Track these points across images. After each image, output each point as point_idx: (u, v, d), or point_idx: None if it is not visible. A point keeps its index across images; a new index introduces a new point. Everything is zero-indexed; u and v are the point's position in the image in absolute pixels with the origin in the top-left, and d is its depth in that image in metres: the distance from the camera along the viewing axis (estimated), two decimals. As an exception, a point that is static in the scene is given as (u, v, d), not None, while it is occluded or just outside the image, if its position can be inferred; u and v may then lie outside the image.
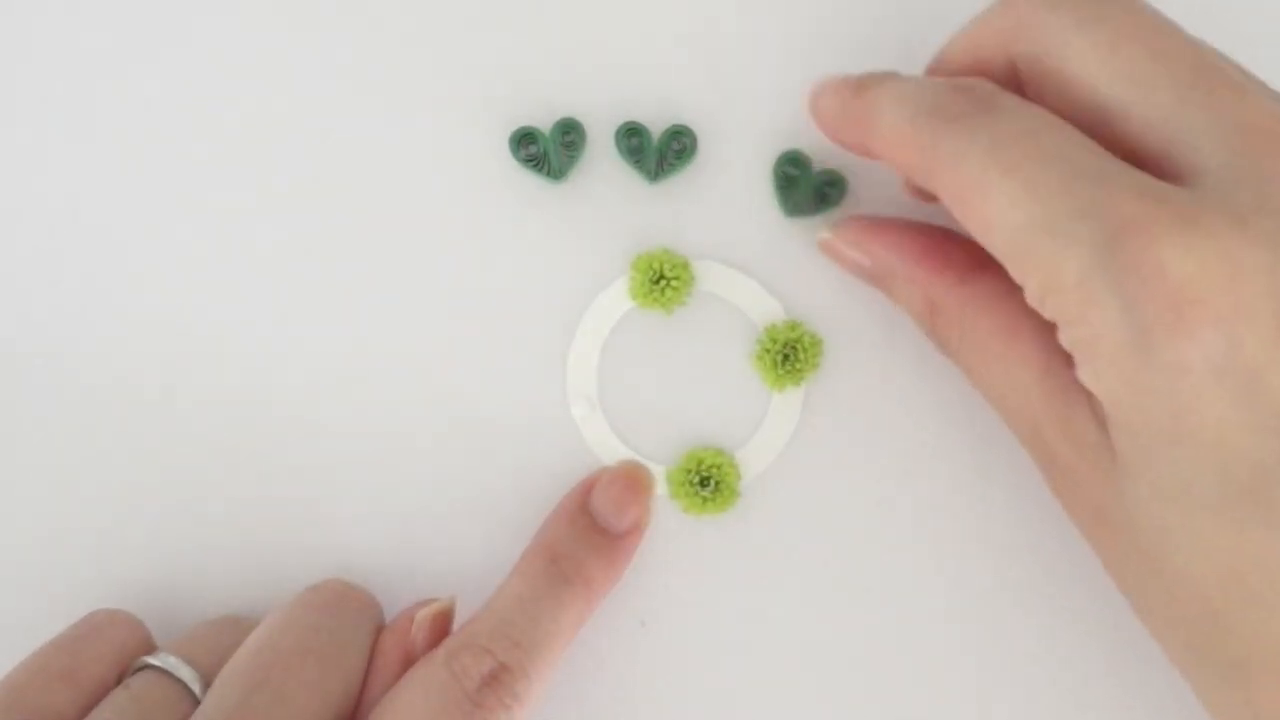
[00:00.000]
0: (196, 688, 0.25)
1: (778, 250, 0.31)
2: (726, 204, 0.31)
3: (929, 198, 0.27)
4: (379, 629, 0.27)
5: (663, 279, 0.30)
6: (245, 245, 0.31)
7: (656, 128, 0.31)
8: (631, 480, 0.30)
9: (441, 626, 0.27)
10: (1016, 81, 0.25)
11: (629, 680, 0.29)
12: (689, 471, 0.30)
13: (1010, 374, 0.25)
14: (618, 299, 0.31)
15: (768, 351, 0.30)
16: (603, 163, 0.31)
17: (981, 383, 0.26)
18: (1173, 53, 0.23)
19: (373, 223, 0.31)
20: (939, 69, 0.27)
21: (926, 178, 0.24)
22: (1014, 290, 0.23)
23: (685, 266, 0.31)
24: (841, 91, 0.26)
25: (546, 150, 0.31)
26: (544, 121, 0.31)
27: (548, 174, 0.31)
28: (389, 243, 0.31)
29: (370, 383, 0.30)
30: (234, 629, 0.27)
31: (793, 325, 0.30)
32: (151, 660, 0.26)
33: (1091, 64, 0.23)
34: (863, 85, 0.26)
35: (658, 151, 0.31)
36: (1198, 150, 0.22)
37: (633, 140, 0.31)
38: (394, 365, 0.31)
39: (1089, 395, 0.22)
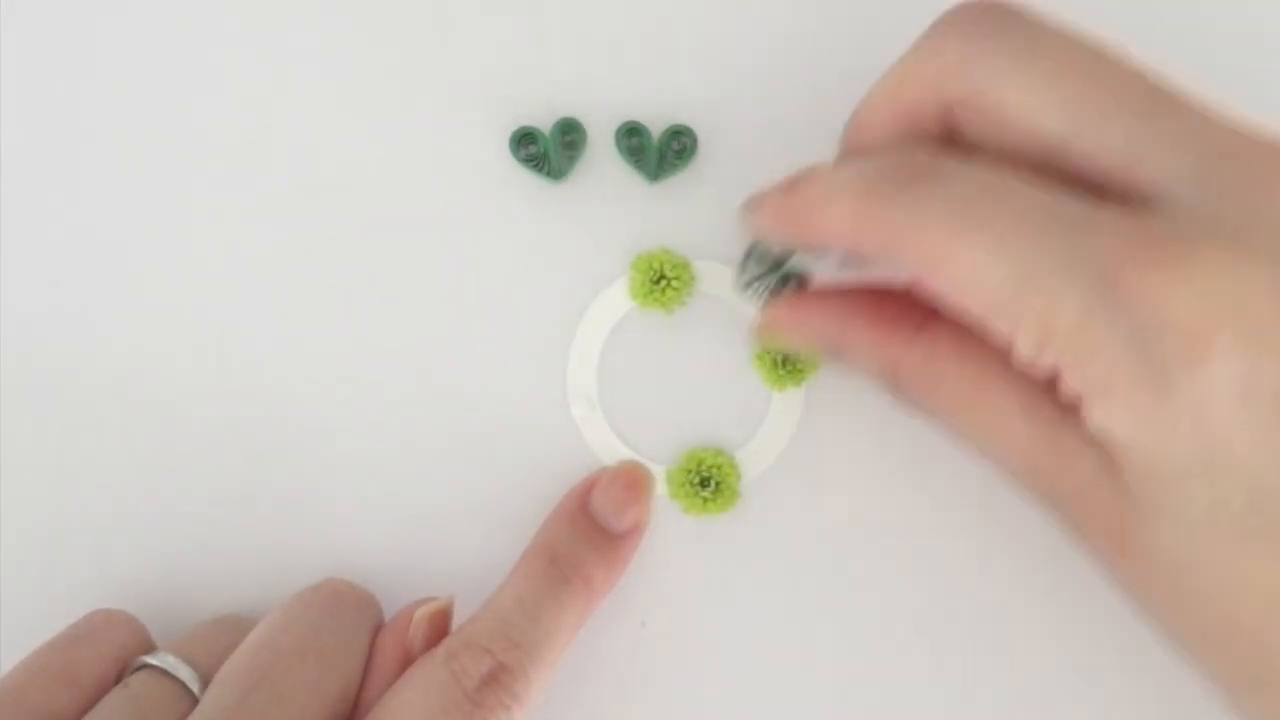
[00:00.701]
0: (195, 687, 0.25)
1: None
2: (727, 204, 0.31)
3: (867, 264, 0.26)
4: (378, 628, 0.27)
5: (663, 279, 0.30)
6: (245, 245, 0.31)
7: (656, 127, 0.31)
8: (631, 480, 0.29)
9: (440, 626, 0.27)
10: (949, 127, 0.24)
11: (629, 680, 0.29)
12: (689, 472, 0.30)
13: (991, 417, 0.24)
14: (618, 299, 0.31)
15: (768, 351, 0.30)
16: (603, 163, 0.31)
17: (963, 432, 0.25)
18: (1120, 77, 0.22)
19: (373, 223, 0.31)
20: (863, 122, 0.26)
21: (887, 254, 0.23)
22: (972, 334, 0.23)
23: (686, 267, 0.30)
24: (775, 196, 0.26)
25: (546, 150, 0.31)
26: (544, 121, 0.31)
27: (548, 174, 0.31)
28: (389, 243, 0.31)
29: (370, 383, 0.30)
30: (233, 629, 0.27)
31: (794, 326, 0.30)
32: (150, 660, 0.25)
33: (1033, 98, 0.22)
34: (794, 184, 0.25)
35: (658, 151, 0.31)
36: (1165, 172, 0.21)
37: (633, 140, 0.31)
38: (394, 365, 0.31)
39: (1079, 423, 0.22)
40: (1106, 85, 0.22)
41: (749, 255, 0.29)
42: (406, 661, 0.26)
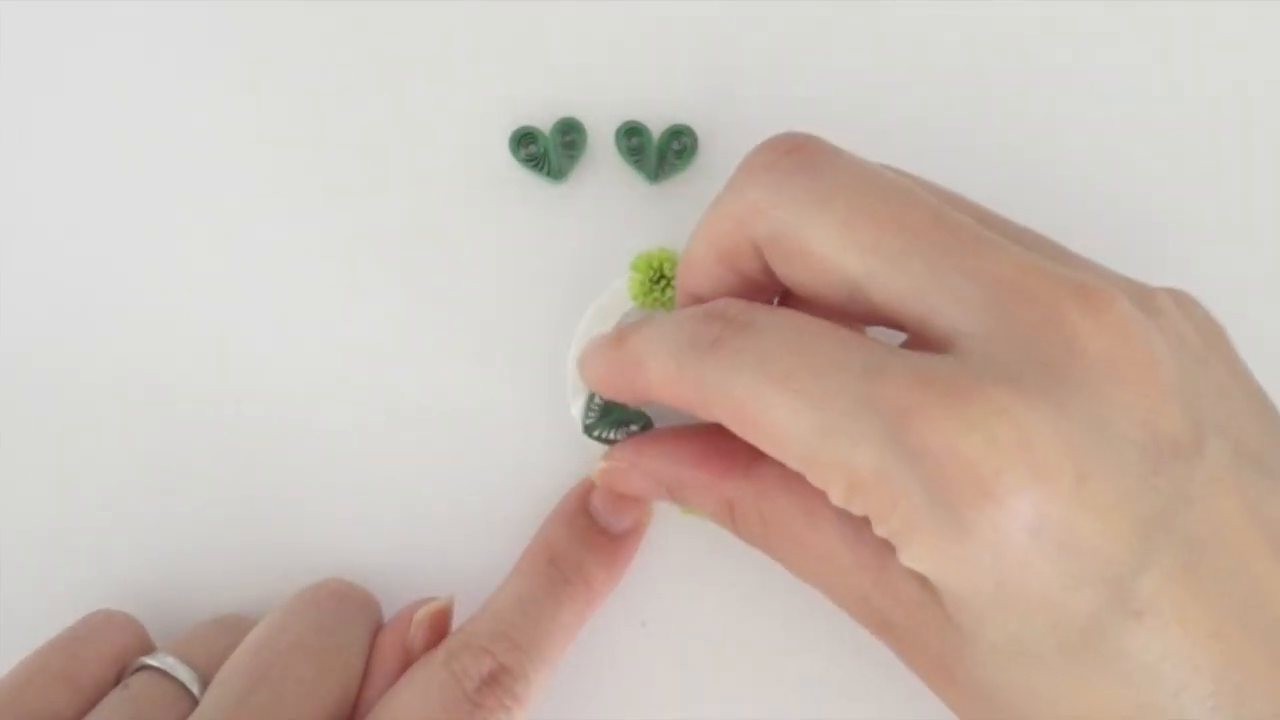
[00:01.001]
0: (195, 687, 0.25)
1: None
2: (727, 204, 0.31)
3: None
4: (377, 628, 0.27)
5: (663, 279, 0.30)
6: (245, 245, 0.31)
7: (657, 127, 0.31)
8: (631, 481, 0.29)
9: (440, 626, 0.27)
10: (767, 266, 0.25)
11: (630, 681, 0.29)
12: (689, 472, 0.30)
13: (821, 552, 0.24)
14: (618, 299, 0.31)
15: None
16: (603, 163, 0.31)
17: (796, 568, 0.25)
18: (908, 219, 0.22)
19: (373, 222, 0.31)
20: (689, 266, 0.26)
21: (703, 410, 0.24)
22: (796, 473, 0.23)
23: (686, 267, 0.30)
24: (605, 349, 0.26)
25: (547, 150, 0.31)
26: (544, 121, 0.31)
27: (548, 174, 0.31)
28: (389, 242, 0.31)
29: (370, 382, 0.30)
30: (233, 629, 0.27)
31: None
32: (150, 660, 0.25)
33: (831, 241, 0.22)
34: (621, 337, 0.25)
35: (658, 151, 0.31)
36: (952, 314, 0.21)
37: (633, 140, 0.31)
38: (393, 365, 0.31)
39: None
40: (899, 230, 0.22)
41: (589, 403, 0.29)
42: (406, 662, 0.26)
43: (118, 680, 0.26)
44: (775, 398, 0.22)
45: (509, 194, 0.31)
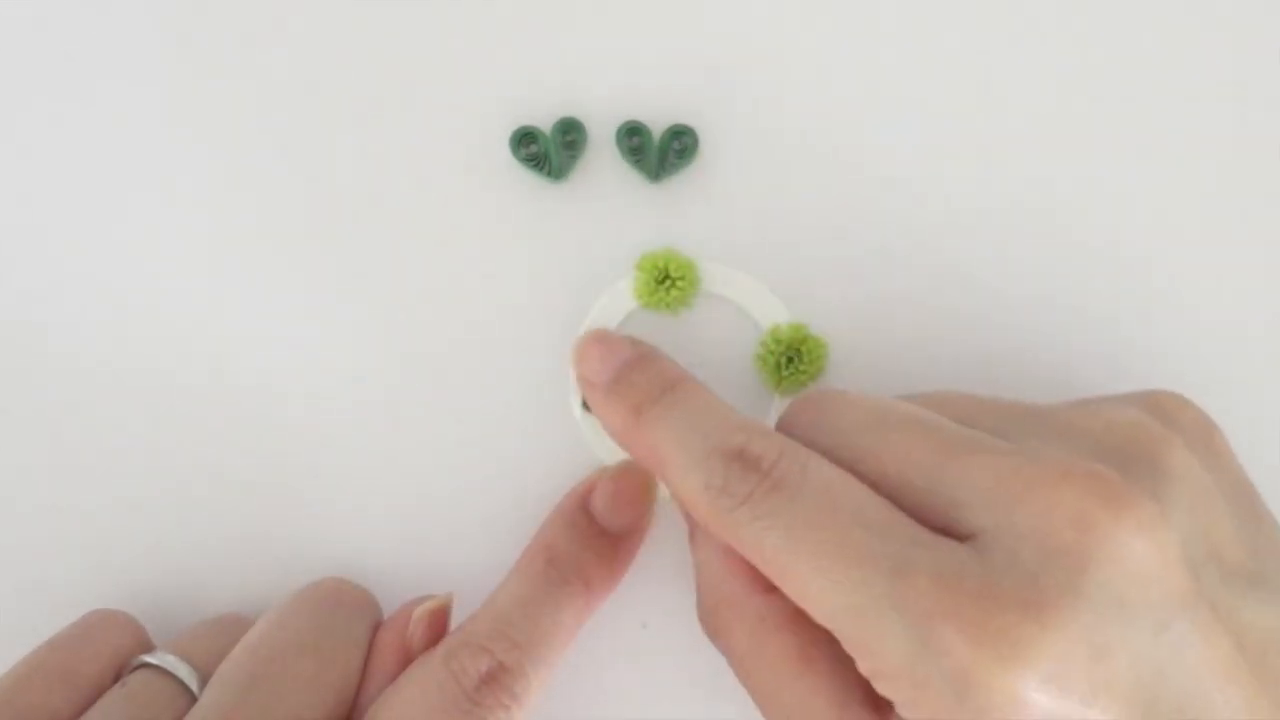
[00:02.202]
0: (194, 685, 0.25)
1: (780, 251, 0.31)
2: (728, 204, 0.31)
3: None
4: (376, 626, 0.27)
5: (668, 279, 0.30)
6: (245, 246, 0.31)
7: (657, 127, 0.31)
8: (632, 481, 0.29)
9: (438, 624, 0.27)
10: None
11: (630, 681, 0.29)
12: (690, 472, 0.30)
13: (804, 700, 0.24)
14: (622, 299, 0.31)
15: (771, 353, 0.30)
16: (604, 162, 0.31)
17: (769, 706, 0.25)
18: (906, 430, 0.23)
19: (373, 222, 0.31)
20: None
21: (734, 545, 0.24)
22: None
23: (691, 267, 0.30)
24: (619, 410, 0.26)
25: (547, 150, 0.31)
26: (544, 121, 0.31)
27: (548, 174, 0.31)
28: (389, 242, 0.31)
29: (370, 382, 0.30)
30: (232, 627, 0.27)
31: (796, 328, 0.30)
32: (148, 659, 0.25)
33: (864, 450, 0.24)
34: (639, 408, 0.26)
35: (659, 151, 0.31)
36: (969, 511, 0.22)
37: (634, 140, 0.31)
38: (394, 364, 0.31)
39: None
40: (907, 433, 0.23)
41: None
42: (405, 660, 0.26)
43: (116, 679, 0.26)
44: (805, 571, 0.22)
45: (509, 194, 0.31)
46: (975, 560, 0.21)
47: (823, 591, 0.22)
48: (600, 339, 0.28)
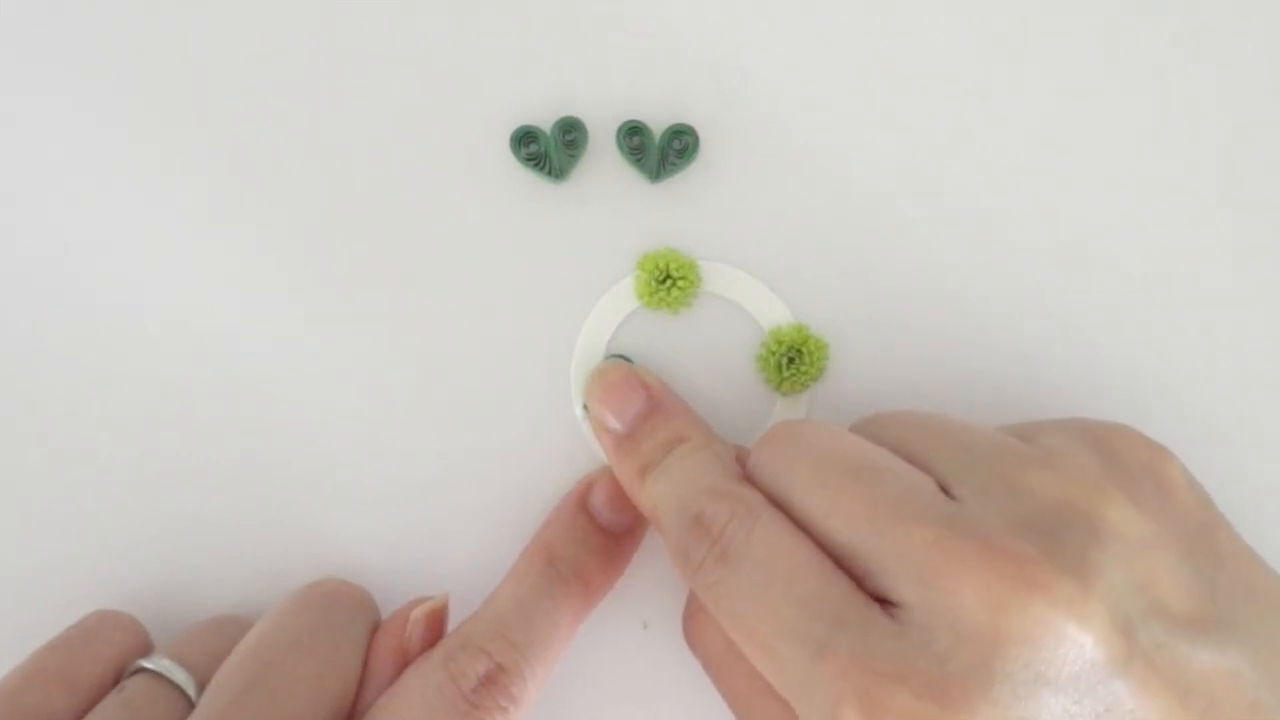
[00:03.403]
0: (191, 690, 0.25)
1: (781, 251, 0.31)
2: (729, 204, 0.31)
3: None
4: (374, 627, 0.27)
5: (669, 279, 0.30)
6: (245, 246, 0.31)
7: (658, 127, 0.31)
8: (632, 481, 0.29)
9: (436, 624, 0.27)
10: None
11: (631, 682, 0.29)
12: (690, 472, 0.30)
13: (775, 715, 0.25)
14: (623, 299, 0.31)
15: (772, 354, 0.30)
16: (604, 162, 0.31)
17: (745, 717, 0.26)
18: (849, 486, 0.24)
19: (373, 222, 0.31)
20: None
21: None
22: None
23: (692, 267, 0.30)
24: (627, 471, 0.28)
25: (547, 150, 0.31)
26: (545, 121, 0.31)
27: (549, 173, 0.31)
28: (390, 243, 0.31)
29: (370, 383, 0.30)
30: (231, 628, 0.27)
31: (798, 328, 0.30)
32: (146, 663, 0.26)
33: (812, 507, 0.24)
34: (644, 471, 0.27)
35: (659, 151, 0.31)
36: (896, 582, 0.22)
37: (634, 139, 0.31)
38: (394, 365, 0.31)
39: None
40: (854, 490, 0.24)
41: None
42: (403, 661, 0.26)
43: (116, 682, 0.26)
44: (744, 645, 0.23)
45: (509, 194, 0.31)
46: (894, 638, 0.22)
47: (761, 665, 0.23)
48: (614, 385, 0.29)
